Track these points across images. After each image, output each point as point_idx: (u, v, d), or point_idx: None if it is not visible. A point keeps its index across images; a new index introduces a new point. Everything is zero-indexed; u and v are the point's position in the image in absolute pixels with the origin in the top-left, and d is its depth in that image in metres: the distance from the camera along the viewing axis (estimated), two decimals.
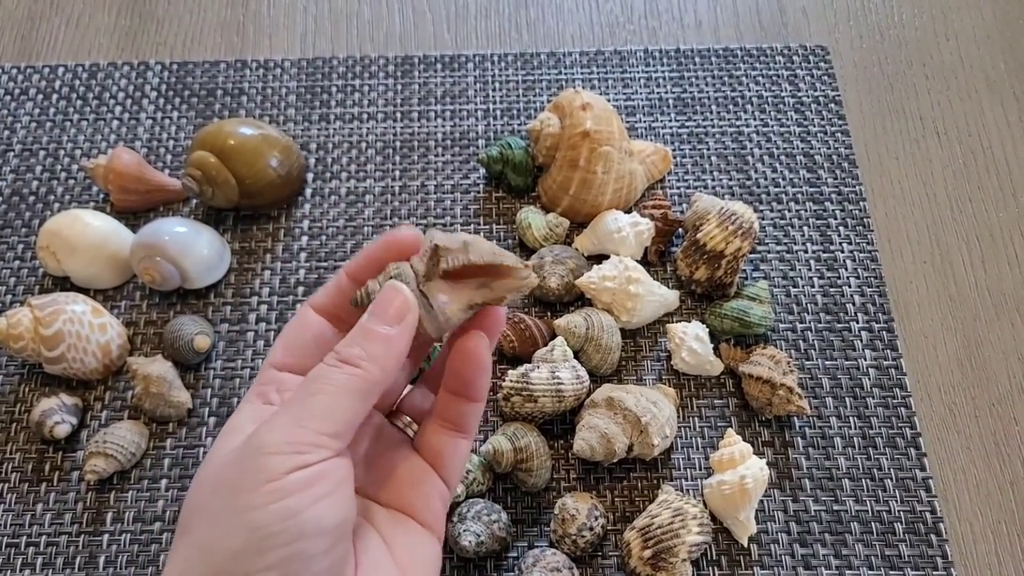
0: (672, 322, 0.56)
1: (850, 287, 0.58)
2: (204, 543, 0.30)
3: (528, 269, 0.34)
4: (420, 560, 0.35)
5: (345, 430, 0.32)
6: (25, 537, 0.51)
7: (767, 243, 0.60)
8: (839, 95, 0.66)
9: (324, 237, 0.60)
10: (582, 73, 0.67)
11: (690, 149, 0.63)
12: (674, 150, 0.63)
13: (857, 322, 0.57)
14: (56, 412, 0.52)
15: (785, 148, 0.63)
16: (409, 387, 0.41)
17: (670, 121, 0.65)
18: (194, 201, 0.62)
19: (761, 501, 0.51)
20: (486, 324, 0.36)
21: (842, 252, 0.59)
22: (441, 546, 0.37)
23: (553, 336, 0.55)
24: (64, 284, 0.58)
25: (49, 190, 0.62)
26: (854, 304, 0.58)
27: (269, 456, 0.30)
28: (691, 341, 0.54)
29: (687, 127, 0.64)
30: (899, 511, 0.51)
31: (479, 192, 0.62)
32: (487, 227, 0.61)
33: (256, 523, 0.29)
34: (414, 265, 0.34)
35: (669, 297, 0.56)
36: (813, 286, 0.58)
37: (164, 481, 0.52)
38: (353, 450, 0.36)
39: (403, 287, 0.33)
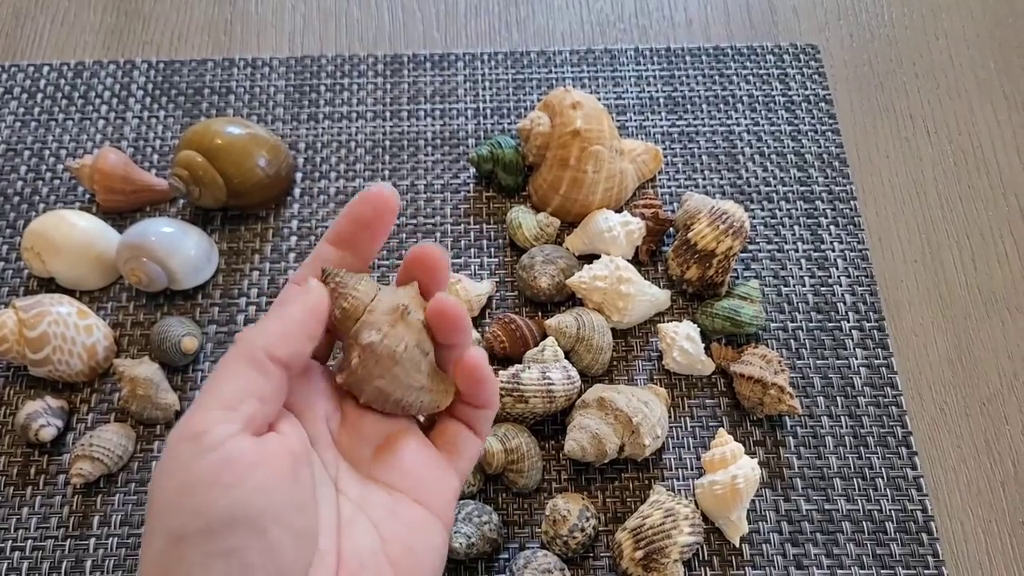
0: (663, 322, 0.56)
1: (841, 286, 0.58)
2: (143, 554, 0.30)
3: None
4: (418, 554, 0.34)
5: (237, 399, 0.30)
6: (11, 542, 0.50)
7: (758, 242, 0.60)
8: (829, 94, 0.65)
9: (313, 237, 0.60)
10: (572, 72, 0.66)
11: (681, 148, 0.63)
12: (665, 149, 0.63)
13: (848, 321, 0.57)
14: (41, 415, 0.52)
15: (776, 147, 0.63)
16: None
17: (661, 120, 0.64)
18: (181, 201, 0.61)
19: (753, 501, 0.51)
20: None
21: (833, 251, 0.59)
22: (448, 535, 0.36)
23: (544, 336, 0.54)
24: (49, 285, 0.58)
25: (34, 190, 0.61)
26: (845, 303, 0.58)
27: (176, 447, 0.29)
28: (682, 341, 0.54)
29: (678, 126, 0.64)
30: (890, 510, 0.51)
31: (469, 192, 0.62)
32: (477, 227, 0.60)
33: (171, 528, 0.28)
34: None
35: (660, 297, 0.56)
36: (804, 285, 0.58)
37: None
38: (356, 430, 0.36)
39: (318, 285, 0.33)
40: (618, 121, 0.64)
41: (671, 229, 0.59)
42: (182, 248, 0.55)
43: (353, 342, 0.33)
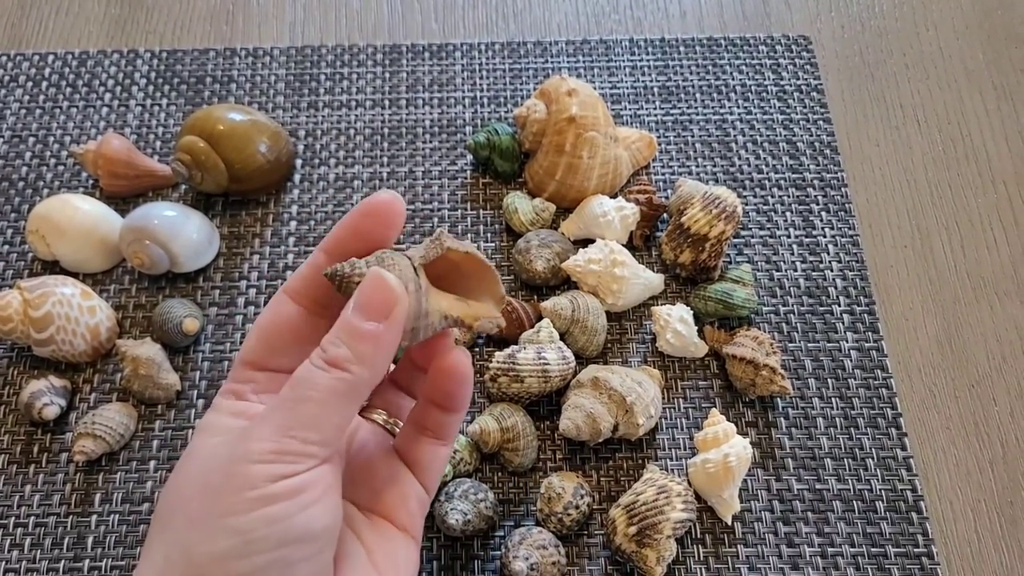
0: (657, 305, 0.57)
1: (832, 271, 0.59)
2: (185, 544, 0.29)
3: (502, 304, 0.34)
4: (399, 565, 0.35)
5: (333, 437, 0.31)
6: (13, 518, 0.51)
7: (750, 228, 0.61)
8: (821, 84, 0.67)
9: (312, 222, 0.61)
10: (568, 62, 0.67)
11: (675, 136, 0.64)
12: (659, 137, 0.64)
13: (839, 305, 0.58)
14: (45, 394, 0.52)
15: (768, 135, 0.64)
16: None
17: (655, 109, 0.65)
18: (183, 186, 0.62)
19: (745, 480, 0.52)
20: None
21: (824, 237, 0.60)
22: (419, 550, 0.36)
23: (539, 318, 0.55)
24: (53, 268, 0.58)
25: (38, 176, 0.62)
26: (836, 287, 0.59)
27: (255, 465, 0.29)
28: (676, 323, 0.54)
29: (672, 115, 0.65)
30: (880, 490, 0.52)
31: (466, 178, 0.63)
32: (474, 212, 0.61)
33: (241, 527, 0.29)
34: (409, 252, 0.32)
35: (654, 280, 0.57)
36: (796, 270, 0.59)
37: (153, 463, 0.53)
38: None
39: (390, 276, 0.30)
40: (613, 110, 0.65)
41: (665, 214, 0.60)
42: (184, 231, 0.56)
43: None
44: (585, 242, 0.59)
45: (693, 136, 0.64)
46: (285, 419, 0.30)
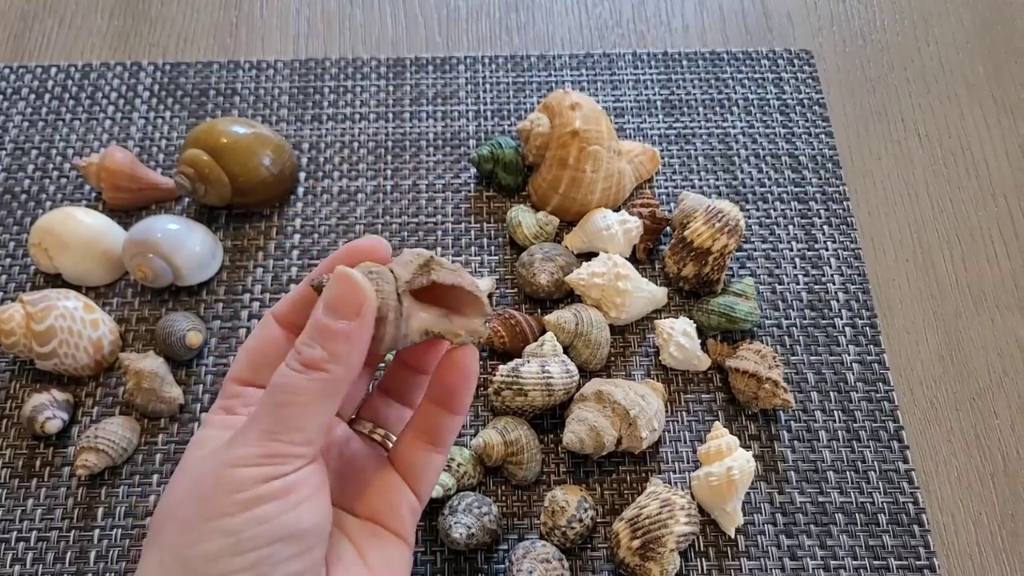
0: (660, 318, 0.57)
1: (834, 284, 0.59)
2: (177, 548, 0.30)
3: (486, 318, 0.35)
4: (393, 564, 0.36)
5: (317, 435, 0.32)
6: (15, 533, 0.51)
7: (753, 241, 0.61)
8: (823, 98, 0.67)
9: (316, 235, 0.61)
10: (572, 75, 0.68)
11: (678, 150, 0.65)
12: (662, 151, 0.64)
13: (841, 318, 0.58)
14: (47, 408, 0.52)
15: (770, 149, 0.65)
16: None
17: (658, 122, 0.66)
18: (187, 199, 0.62)
19: (748, 493, 0.52)
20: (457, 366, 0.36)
21: (826, 250, 0.61)
22: (411, 553, 0.38)
23: (543, 332, 0.55)
24: (56, 281, 0.58)
25: (41, 188, 0.62)
26: (838, 301, 0.59)
27: (243, 469, 0.30)
28: (679, 337, 0.55)
29: (675, 128, 0.65)
30: (882, 502, 0.52)
31: (470, 191, 0.63)
32: (478, 225, 0.61)
33: (232, 528, 0.30)
34: (395, 270, 0.33)
35: (657, 294, 0.57)
36: (798, 283, 0.59)
37: (155, 476, 0.52)
38: (325, 460, 0.37)
39: (355, 273, 0.32)
40: (616, 123, 0.66)
41: (668, 228, 0.60)
42: (187, 245, 0.56)
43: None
44: (588, 255, 0.59)
45: (696, 149, 0.65)
46: (269, 423, 0.31)
